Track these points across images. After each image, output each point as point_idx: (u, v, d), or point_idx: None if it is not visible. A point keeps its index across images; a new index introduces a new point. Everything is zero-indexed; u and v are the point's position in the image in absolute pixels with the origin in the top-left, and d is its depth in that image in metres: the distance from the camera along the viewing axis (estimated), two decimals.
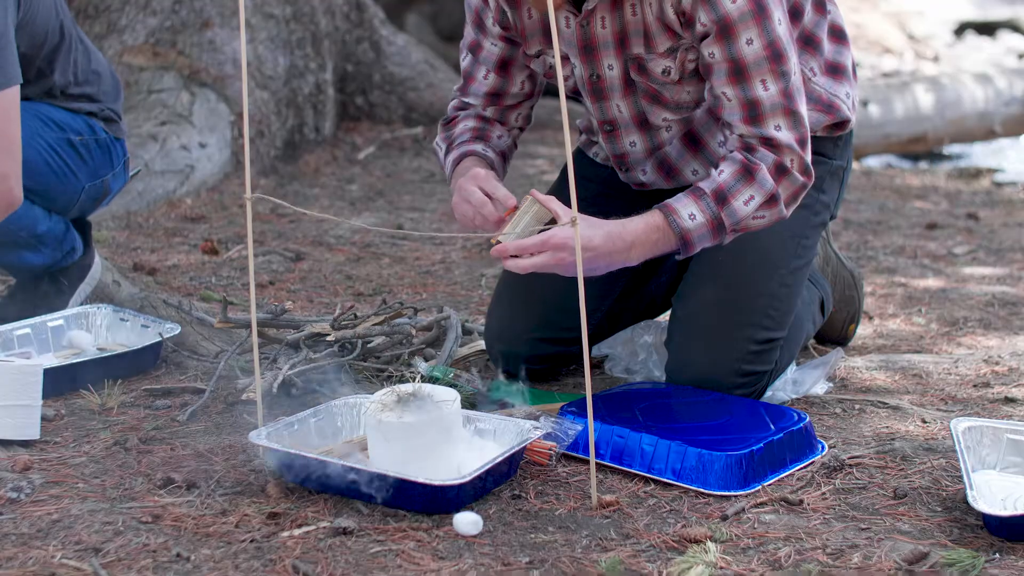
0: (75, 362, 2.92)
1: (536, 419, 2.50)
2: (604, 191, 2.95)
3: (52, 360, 2.99)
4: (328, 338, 2.96)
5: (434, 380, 2.79)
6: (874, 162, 7.34)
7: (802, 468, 2.51)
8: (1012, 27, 11.97)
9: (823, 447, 2.60)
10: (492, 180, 2.63)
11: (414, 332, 3.06)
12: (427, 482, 2.23)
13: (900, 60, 10.92)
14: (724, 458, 2.41)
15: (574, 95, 2.86)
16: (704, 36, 2.56)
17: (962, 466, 2.34)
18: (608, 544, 2.18)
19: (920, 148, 7.52)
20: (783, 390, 2.91)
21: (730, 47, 2.55)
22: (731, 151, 2.61)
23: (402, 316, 3.14)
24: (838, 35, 2.89)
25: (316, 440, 2.49)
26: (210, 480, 2.38)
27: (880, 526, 2.27)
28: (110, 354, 3.00)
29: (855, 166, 6.44)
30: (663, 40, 2.63)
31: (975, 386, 3.07)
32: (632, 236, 2.55)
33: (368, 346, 2.99)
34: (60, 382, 2.81)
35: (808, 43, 2.82)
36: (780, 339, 2.83)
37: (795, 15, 2.74)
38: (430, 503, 2.25)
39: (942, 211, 5.47)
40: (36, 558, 2.07)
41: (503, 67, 2.86)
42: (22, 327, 3.06)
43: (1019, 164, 7.66)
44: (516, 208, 2.55)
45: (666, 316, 3.09)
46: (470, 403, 2.72)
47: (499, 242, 2.50)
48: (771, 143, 2.59)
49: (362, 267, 4.15)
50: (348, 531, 2.18)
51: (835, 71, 2.87)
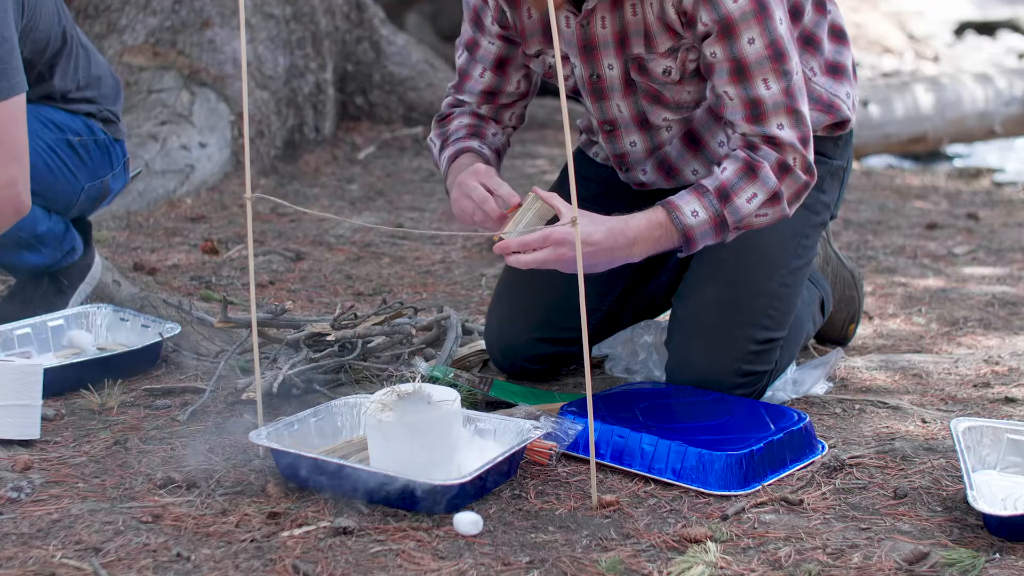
0: (75, 362, 2.92)
1: (536, 419, 2.50)
2: (604, 191, 2.95)
3: (52, 360, 2.99)
4: (328, 338, 2.96)
5: (434, 380, 2.78)
6: (874, 162, 7.34)
7: (802, 468, 2.51)
8: (1012, 27, 11.96)
9: (823, 447, 2.60)
10: (494, 176, 2.63)
11: (414, 332, 3.06)
12: (427, 482, 2.23)
13: (900, 60, 10.91)
14: (724, 458, 2.41)
15: (574, 95, 2.86)
16: (706, 36, 2.56)
17: (962, 466, 2.34)
18: (608, 544, 2.18)
19: (920, 148, 7.52)
20: (783, 390, 2.91)
21: (732, 46, 2.55)
22: (734, 149, 2.61)
23: (402, 316, 3.14)
24: (838, 35, 2.88)
25: (316, 440, 2.49)
26: (210, 480, 2.37)
27: (880, 526, 2.27)
28: (110, 354, 3.00)
29: (855, 166, 6.43)
30: (664, 40, 2.63)
31: (975, 386, 3.07)
32: (634, 232, 2.55)
33: (368, 346, 2.99)
34: (60, 382, 2.81)
35: (808, 43, 2.82)
36: (780, 339, 2.83)
37: (795, 15, 2.74)
38: (430, 503, 2.25)
39: (942, 211, 5.47)
40: (36, 558, 2.07)
41: (500, 66, 2.86)
42: (22, 327, 3.06)
43: (1019, 164, 7.66)
44: (519, 205, 2.55)
45: (666, 316, 3.09)
46: (470, 403, 2.72)
47: (502, 239, 2.50)
48: (774, 141, 2.59)
49: (362, 267, 4.15)
50: (348, 531, 2.18)
51: (835, 71, 2.87)
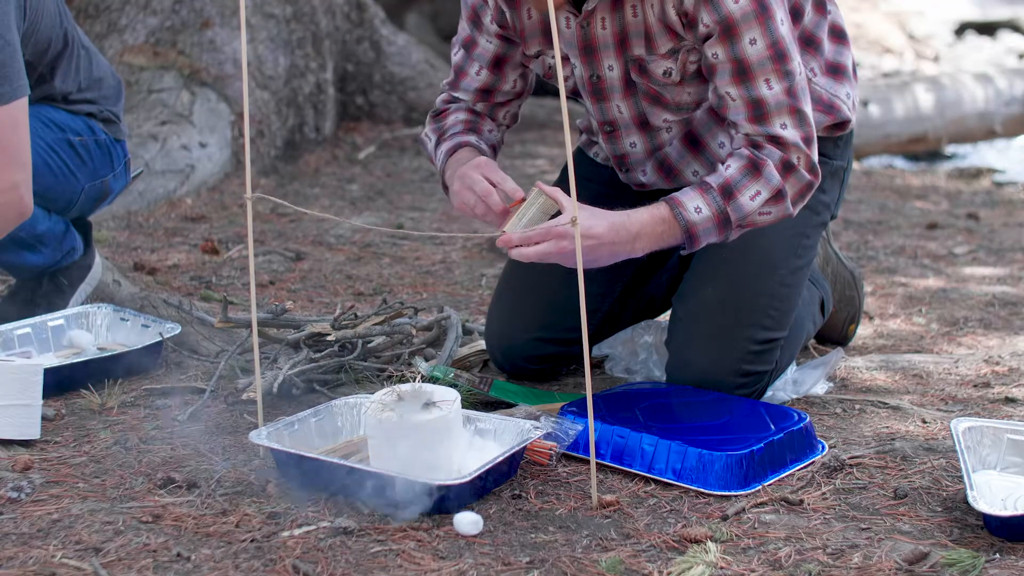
0: (75, 362, 2.92)
1: (536, 419, 2.50)
2: (605, 191, 2.94)
3: (52, 360, 2.99)
4: (328, 338, 2.96)
5: (434, 380, 2.78)
6: (874, 162, 7.34)
7: (802, 468, 2.51)
8: (1012, 27, 11.95)
9: (823, 447, 2.60)
10: (497, 169, 2.62)
11: (414, 332, 3.06)
12: (427, 482, 2.23)
13: (900, 60, 10.90)
14: (724, 458, 2.41)
15: (574, 96, 2.86)
16: (707, 37, 2.56)
17: (962, 466, 2.34)
18: (608, 544, 2.18)
19: (920, 148, 7.51)
20: (783, 390, 2.91)
21: (733, 47, 2.55)
22: (738, 148, 2.61)
23: (402, 316, 3.14)
24: (838, 35, 2.88)
25: (317, 440, 2.49)
26: (210, 480, 2.37)
27: (880, 526, 2.27)
28: (110, 354, 2.99)
29: (855, 166, 6.43)
30: (664, 41, 2.63)
31: (975, 386, 3.07)
32: (637, 227, 2.55)
33: (368, 346, 2.99)
34: (60, 382, 2.81)
35: (808, 43, 2.81)
36: (780, 339, 2.83)
37: (795, 15, 2.74)
38: (430, 503, 2.25)
39: (942, 211, 5.47)
40: (36, 558, 2.07)
41: (497, 65, 2.85)
42: (22, 327, 3.06)
43: (1019, 164, 7.66)
44: (523, 200, 2.54)
45: (666, 316, 3.09)
46: (470, 403, 2.72)
47: (504, 233, 2.50)
48: (777, 141, 2.58)
49: (362, 267, 4.15)
50: (348, 531, 2.18)
51: (835, 71, 2.87)
